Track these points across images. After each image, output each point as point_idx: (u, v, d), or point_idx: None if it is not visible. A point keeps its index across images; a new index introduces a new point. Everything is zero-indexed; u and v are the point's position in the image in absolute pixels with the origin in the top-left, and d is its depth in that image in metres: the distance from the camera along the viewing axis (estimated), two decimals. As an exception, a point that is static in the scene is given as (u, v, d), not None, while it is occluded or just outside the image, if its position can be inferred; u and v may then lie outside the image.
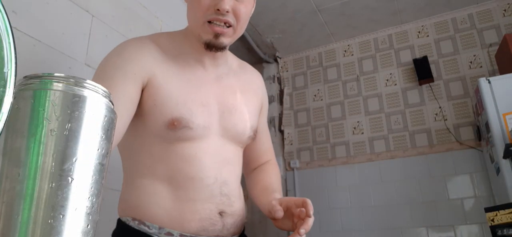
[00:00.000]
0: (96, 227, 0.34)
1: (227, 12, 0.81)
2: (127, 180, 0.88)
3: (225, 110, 0.89)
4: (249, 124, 0.93)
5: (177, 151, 0.83)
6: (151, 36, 0.90)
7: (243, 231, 0.96)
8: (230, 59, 0.99)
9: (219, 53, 0.89)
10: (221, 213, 0.84)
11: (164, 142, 0.83)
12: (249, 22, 3.47)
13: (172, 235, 0.81)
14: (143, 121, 0.83)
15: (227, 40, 0.85)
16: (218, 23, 0.82)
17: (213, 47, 0.84)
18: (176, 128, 0.81)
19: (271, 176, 1.01)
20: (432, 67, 2.99)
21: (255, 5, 0.94)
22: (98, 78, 0.80)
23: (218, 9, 0.80)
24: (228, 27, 0.83)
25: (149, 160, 0.84)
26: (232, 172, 0.89)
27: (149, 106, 0.81)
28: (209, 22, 0.82)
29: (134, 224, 0.82)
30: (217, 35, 0.83)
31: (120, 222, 0.86)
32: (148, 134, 0.83)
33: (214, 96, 0.89)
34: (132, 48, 0.84)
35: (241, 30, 0.87)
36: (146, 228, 0.81)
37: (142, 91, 0.81)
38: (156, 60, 0.84)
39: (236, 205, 0.88)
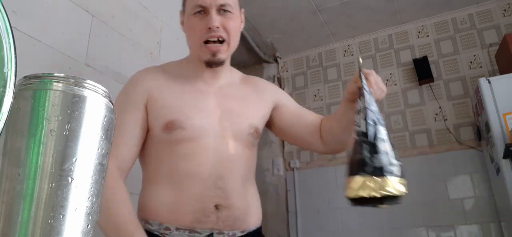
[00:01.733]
0: (95, 227, 0.34)
1: (217, 27, 0.94)
2: (142, 186, 1.00)
3: (224, 112, 0.98)
4: (248, 122, 1.00)
5: (176, 151, 0.92)
6: (161, 65, 1.07)
7: (257, 230, 1.00)
8: (234, 74, 1.11)
9: (219, 68, 1.01)
10: (217, 206, 0.89)
11: (165, 145, 0.94)
12: (249, 22, 3.44)
13: (169, 229, 0.88)
14: (150, 133, 0.97)
15: (224, 55, 0.97)
16: (212, 40, 0.94)
17: (213, 64, 0.97)
18: (170, 130, 0.92)
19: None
20: (432, 67, 2.99)
21: (244, 20, 1.06)
22: (117, 111, 0.92)
23: (209, 28, 0.93)
24: (221, 42, 0.95)
25: (155, 164, 0.95)
26: (232, 169, 0.94)
27: (150, 118, 0.96)
28: (205, 42, 0.95)
29: (141, 224, 0.91)
30: (214, 54, 0.95)
31: None
32: (154, 143, 0.96)
33: (213, 102, 0.99)
34: (137, 78, 1.00)
35: (234, 43, 0.99)
36: (149, 226, 0.91)
37: (146, 109, 0.96)
38: (156, 81, 0.98)
39: (233, 200, 0.92)
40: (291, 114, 1.11)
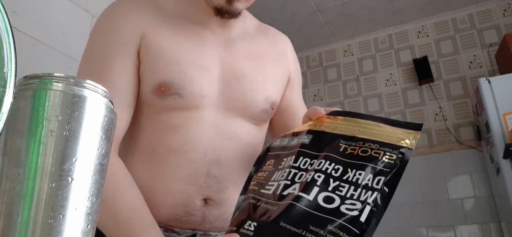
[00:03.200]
0: (95, 227, 0.34)
1: None
2: None
3: (232, 77, 0.73)
4: (264, 94, 0.76)
5: (163, 120, 0.69)
6: None
7: None
8: (247, 21, 0.84)
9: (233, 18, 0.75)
10: (206, 200, 0.68)
11: (150, 110, 0.70)
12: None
13: None
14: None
15: (242, 4, 0.71)
16: None
17: (225, 13, 0.71)
18: (164, 95, 0.67)
19: None
20: (432, 67, 2.99)
21: None
22: (89, 58, 0.70)
23: None
24: None
25: (133, 132, 0.71)
26: (234, 152, 0.72)
27: (141, 70, 0.69)
28: None
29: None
30: (230, 0, 0.69)
31: None
32: (138, 103, 0.70)
33: (219, 60, 0.74)
34: (121, 12, 0.72)
35: None
36: None
37: (138, 56, 0.70)
38: (148, 19, 0.71)
39: (229, 194, 0.69)
40: (292, 102, 0.86)
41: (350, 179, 0.44)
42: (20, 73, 0.31)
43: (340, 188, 0.43)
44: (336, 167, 0.46)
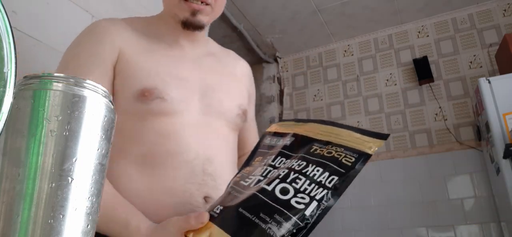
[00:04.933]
0: (95, 227, 0.34)
1: None
2: None
3: (207, 88, 0.82)
4: (236, 102, 0.86)
5: (154, 127, 0.74)
6: (124, 18, 0.87)
7: None
8: (211, 44, 0.96)
9: (197, 34, 0.86)
10: (206, 198, 0.71)
11: (136, 118, 0.74)
12: (249, 22, 3.43)
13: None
14: (115, 102, 0.75)
15: (205, 18, 0.81)
16: (195, 1, 0.79)
17: (190, 25, 0.81)
18: (147, 100, 0.72)
19: None
20: (432, 67, 2.99)
21: None
22: (70, 65, 0.75)
23: None
24: (205, 4, 0.80)
25: (122, 142, 0.73)
26: (220, 151, 0.78)
27: (118, 82, 0.75)
28: (185, 0, 0.80)
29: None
30: (194, 13, 0.79)
31: None
32: (119, 115, 0.71)
33: (193, 74, 0.82)
34: (102, 28, 0.79)
35: (219, 9, 0.84)
36: None
37: (114, 71, 0.76)
38: (127, 37, 0.79)
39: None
40: (248, 118, 0.94)
41: (308, 173, 0.49)
42: (20, 73, 0.31)
43: (297, 180, 0.48)
44: (301, 163, 0.51)
